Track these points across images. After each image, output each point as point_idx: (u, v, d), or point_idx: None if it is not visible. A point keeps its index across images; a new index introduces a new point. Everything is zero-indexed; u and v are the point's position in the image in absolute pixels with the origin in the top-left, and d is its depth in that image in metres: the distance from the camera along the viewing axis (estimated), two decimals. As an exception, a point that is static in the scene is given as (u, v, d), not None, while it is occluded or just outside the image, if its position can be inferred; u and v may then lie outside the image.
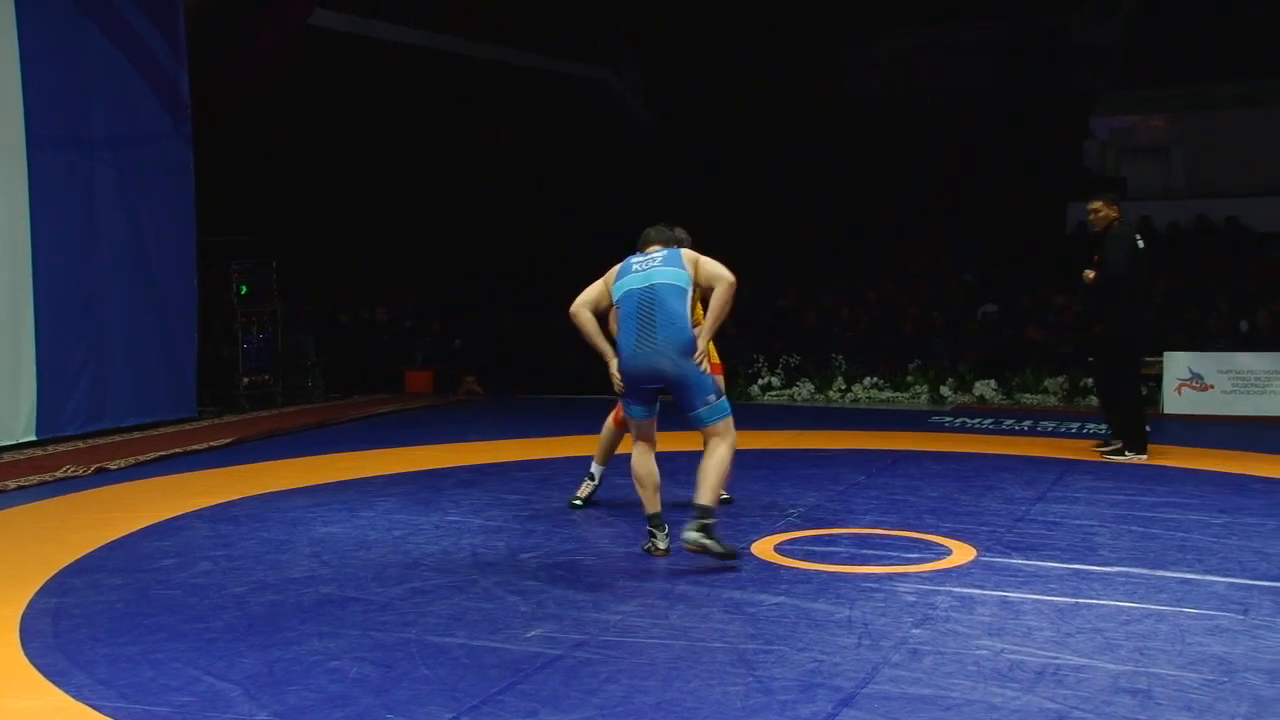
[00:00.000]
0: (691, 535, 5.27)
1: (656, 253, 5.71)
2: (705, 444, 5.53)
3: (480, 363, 14.58)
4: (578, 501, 6.85)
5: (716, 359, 6.29)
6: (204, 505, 7.00)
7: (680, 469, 6.61)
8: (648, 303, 5.49)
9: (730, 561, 5.33)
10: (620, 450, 6.51)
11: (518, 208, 18.37)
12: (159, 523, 6.54)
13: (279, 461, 8.83)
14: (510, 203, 18.25)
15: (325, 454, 9.17)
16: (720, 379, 6.12)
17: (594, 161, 19.27)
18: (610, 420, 6.71)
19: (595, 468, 6.86)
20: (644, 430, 5.66)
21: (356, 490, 7.52)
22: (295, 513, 6.78)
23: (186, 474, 8.29)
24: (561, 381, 14.12)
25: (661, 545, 5.60)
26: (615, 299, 5.67)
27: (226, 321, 12.31)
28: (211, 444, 9.55)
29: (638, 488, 5.64)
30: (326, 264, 15.94)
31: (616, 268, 5.77)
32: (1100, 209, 8.44)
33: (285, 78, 13.79)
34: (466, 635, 4.40)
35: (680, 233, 6.06)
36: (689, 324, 5.50)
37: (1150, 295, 8.74)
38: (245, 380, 12.25)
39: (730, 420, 5.54)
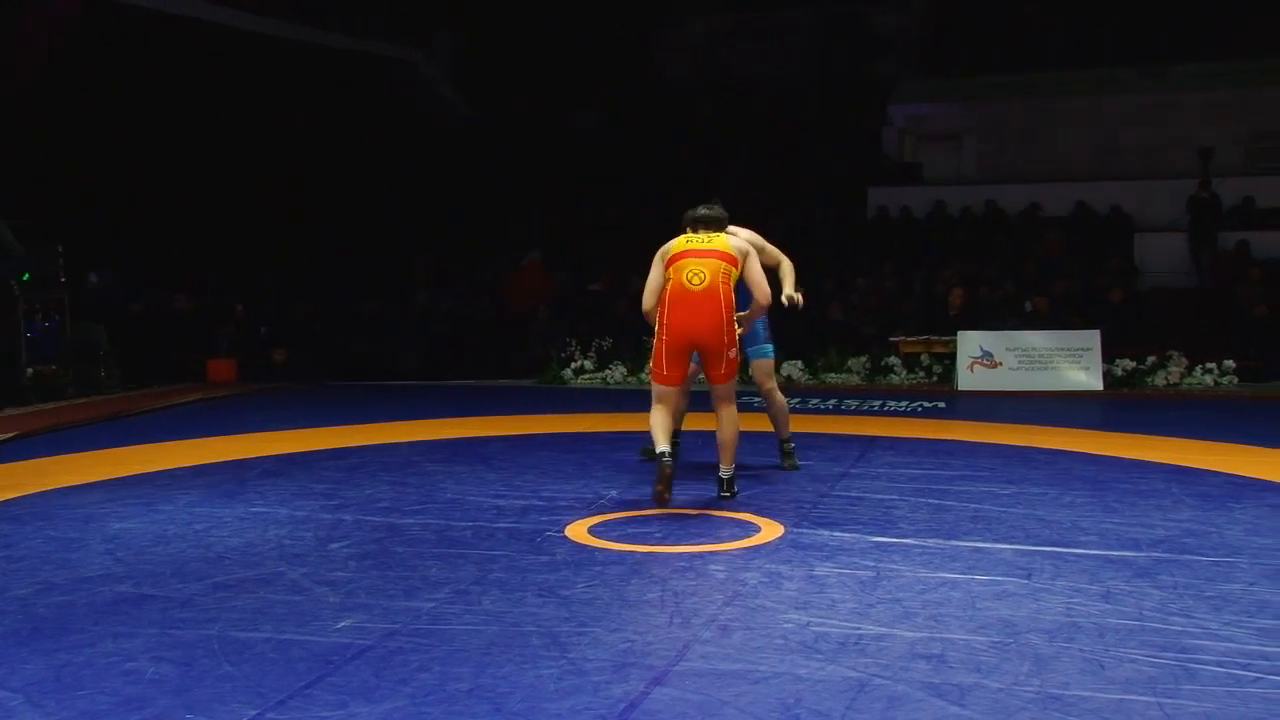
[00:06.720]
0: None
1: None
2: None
3: (288, 349, 14.19)
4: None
5: None
6: (-15, 504, 6.60)
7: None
8: None
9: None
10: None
11: (326, 191, 17.91)
12: (-66, 524, 6.13)
13: (69, 456, 8.39)
14: (319, 186, 17.78)
15: (120, 447, 8.76)
16: None
17: (404, 145, 18.95)
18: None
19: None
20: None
21: (154, 484, 7.21)
22: (87, 509, 6.45)
23: (-35, 471, 7.79)
24: (370, 368, 13.89)
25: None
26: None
27: (8, 309, 11.65)
28: (-7, 439, 9.04)
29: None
30: (120, 250, 15.21)
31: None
32: None
33: (74, 53, 13.08)
34: (272, 629, 4.27)
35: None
36: None
37: None
38: (30, 371, 11.63)
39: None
